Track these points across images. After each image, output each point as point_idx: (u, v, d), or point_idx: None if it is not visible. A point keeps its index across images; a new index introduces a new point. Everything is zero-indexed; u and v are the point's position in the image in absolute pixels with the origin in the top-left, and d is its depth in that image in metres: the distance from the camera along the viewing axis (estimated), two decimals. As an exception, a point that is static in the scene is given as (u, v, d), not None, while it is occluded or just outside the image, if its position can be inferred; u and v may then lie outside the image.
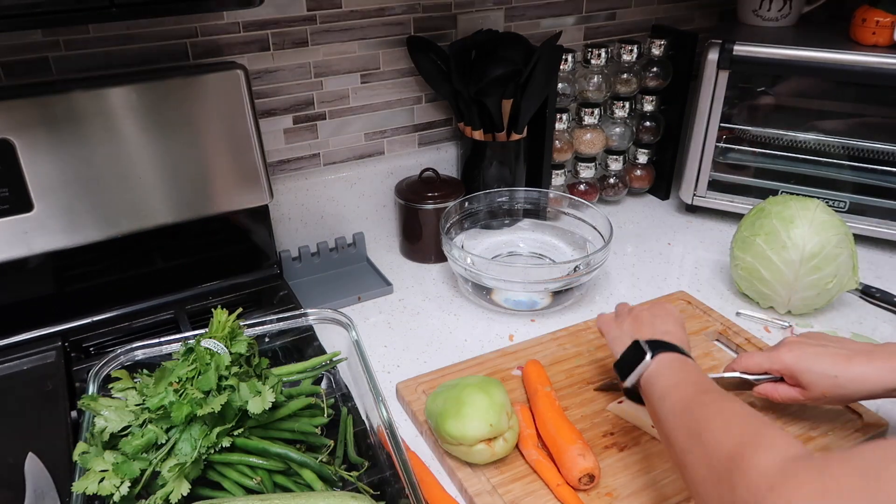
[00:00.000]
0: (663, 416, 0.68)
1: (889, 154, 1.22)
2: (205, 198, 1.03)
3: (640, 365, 0.74)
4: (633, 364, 0.75)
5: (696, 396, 0.66)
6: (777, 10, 1.33)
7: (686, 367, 0.73)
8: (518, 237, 1.29)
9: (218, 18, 1.05)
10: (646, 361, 0.74)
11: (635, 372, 0.75)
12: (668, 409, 0.68)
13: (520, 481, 0.79)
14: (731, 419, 0.61)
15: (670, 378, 0.71)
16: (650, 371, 0.73)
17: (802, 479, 0.50)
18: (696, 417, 0.63)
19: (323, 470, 0.72)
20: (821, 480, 0.49)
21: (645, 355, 0.74)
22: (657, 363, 0.73)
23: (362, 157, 1.28)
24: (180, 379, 0.71)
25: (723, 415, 0.62)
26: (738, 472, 0.54)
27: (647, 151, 1.46)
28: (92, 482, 0.65)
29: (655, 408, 0.70)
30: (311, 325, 0.88)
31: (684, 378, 0.70)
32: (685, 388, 0.69)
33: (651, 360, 0.74)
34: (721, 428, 0.60)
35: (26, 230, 0.93)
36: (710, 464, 0.58)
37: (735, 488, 0.53)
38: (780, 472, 0.51)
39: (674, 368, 0.72)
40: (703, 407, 0.64)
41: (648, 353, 0.74)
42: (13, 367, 0.94)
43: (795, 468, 0.51)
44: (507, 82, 1.19)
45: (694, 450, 0.61)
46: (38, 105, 0.89)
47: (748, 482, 0.53)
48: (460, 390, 0.80)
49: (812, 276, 1.03)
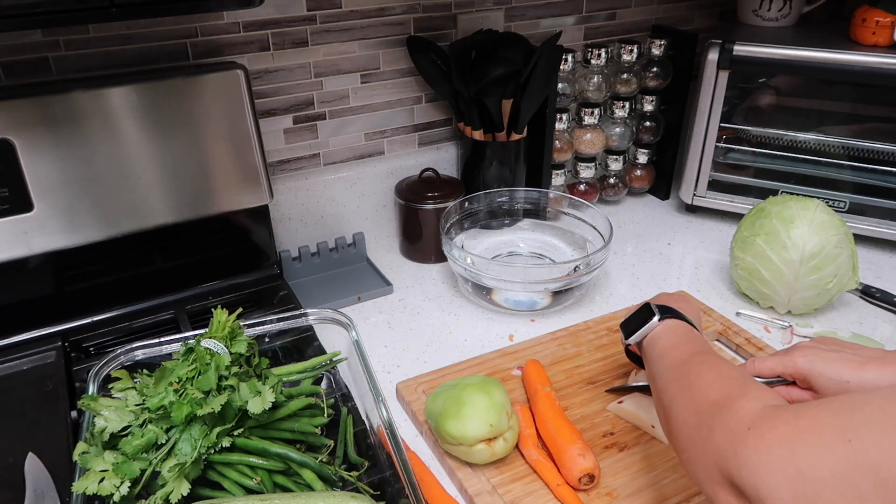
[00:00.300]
0: (658, 373, 0.70)
1: (889, 154, 1.22)
2: (205, 198, 1.03)
3: (647, 325, 0.76)
4: (640, 323, 0.77)
5: (693, 356, 0.68)
6: (777, 10, 1.33)
7: (690, 333, 0.74)
8: (518, 237, 1.29)
9: (218, 18, 1.05)
10: (653, 322, 0.76)
11: (641, 331, 0.76)
12: (665, 367, 0.69)
13: (520, 481, 0.79)
14: (721, 374, 0.62)
15: (672, 339, 0.73)
16: (654, 333, 0.75)
17: (779, 420, 0.51)
18: (688, 372, 0.65)
19: (323, 470, 0.72)
20: (795, 420, 0.50)
21: (653, 316, 0.76)
22: (663, 326, 0.75)
23: (362, 157, 1.28)
24: (180, 379, 0.71)
25: (714, 370, 0.64)
26: (720, 417, 0.56)
27: (647, 151, 1.46)
28: (92, 482, 0.65)
29: (653, 366, 0.72)
30: (311, 325, 0.88)
31: (686, 340, 0.72)
32: (684, 348, 0.70)
33: (658, 322, 0.75)
34: (710, 381, 0.62)
35: (26, 230, 0.93)
36: (696, 410, 0.59)
37: (714, 430, 0.55)
38: (759, 415, 0.53)
39: (677, 332, 0.74)
40: (697, 364, 0.66)
41: (657, 314, 0.76)
42: (13, 367, 0.94)
43: (774, 412, 0.52)
44: (507, 82, 1.19)
45: (682, 397, 0.62)
46: (38, 105, 0.89)
47: (728, 425, 0.54)
48: (460, 390, 0.80)
49: (812, 276, 1.03)
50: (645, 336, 0.76)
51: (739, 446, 0.52)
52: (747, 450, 0.51)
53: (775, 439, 0.50)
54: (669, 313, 0.76)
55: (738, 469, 0.51)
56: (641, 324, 0.77)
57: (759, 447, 0.50)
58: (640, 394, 0.88)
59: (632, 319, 0.79)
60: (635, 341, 0.78)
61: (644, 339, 0.77)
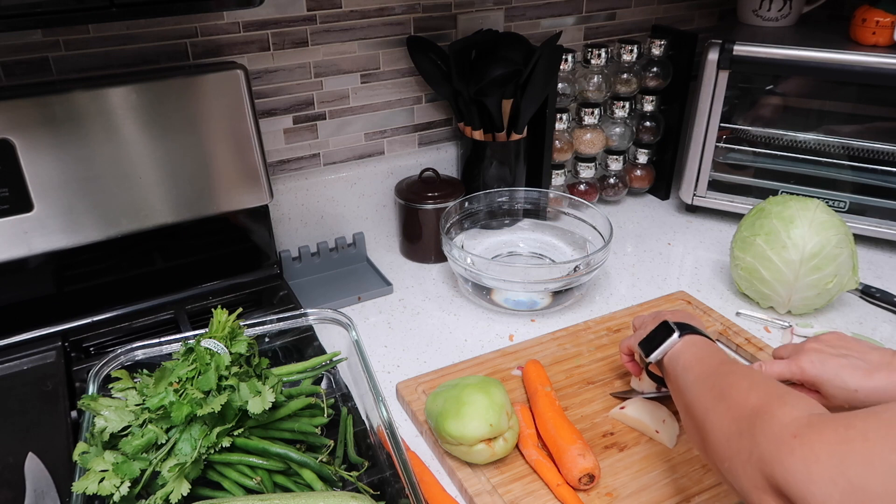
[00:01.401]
0: (686, 386, 0.70)
1: (889, 154, 1.22)
2: (205, 198, 1.03)
3: (667, 341, 0.76)
4: (660, 341, 0.77)
5: (721, 366, 0.68)
6: (777, 10, 1.33)
7: (711, 346, 0.75)
8: (518, 237, 1.29)
9: (218, 18, 1.05)
10: (673, 338, 0.76)
11: (662, 347, 0.76)
12: (692, 379, 0.69)
13: (520, 481, 0.79)
14: (755, 381, 0.62)
15: (695, 353, 0.73)
16: (676, 349, 0.75)
17: (827, 428, 0.51)
18: (721, 382, 0.65)
19: (323, 470, 0.72)
20: (845, 430, 0.50)
21: (673, 333, 0.76)
22: (684, 342, 0.75)
23: (362, 157, 1.28)
24: (180, 379, 0.71)
25: (748, 378, 0.63)
26: (762, 424, 0.55)
27: (647, 151, 1.46)
28: (92, 482, 0.65)
29: (678, 379, 0.72)
30: (311, 325, 0.88)
31: (709, 353, 0.72)
32: (710, 360, 0.70)
33: (679, 339, 0.76)
34: (746, 388, 0.61)
35: (26, 230, 0.93)
36: (734, 418, 0.59)
37: (758, 438, 0.54)
38: (805, 423, 0.52)
39: (698, 346, 0.74)
40: (728, 374, 0.66)
41: (677, 331, 0.76)
42: (13, 367, 0.94)
43: (820, 420, 0.52)
44: (507, 82, 1.19)
45: (717, 407, 0.62)
46: (38, 105, 0.89)
47: (772, 432, 0.53)
48: (460, 390, 0.80)
49: (812, 276, 1.03)
50: (666, 353, 0.76)
51: (786, 455, 0.51)
52: (794, 459, 0.50)
53: (823, 449, 0.49)
54: (687, 329, 0.77)
55: (786, 478, 0.50)
56: (661, 341, 0.77)
57: (807, 456, 0.50)
58: (641, 398, 0.88)
59: (651, 338, 0.79)
60: (657, 358, 0.78)
61: (665, 357, 0.77)
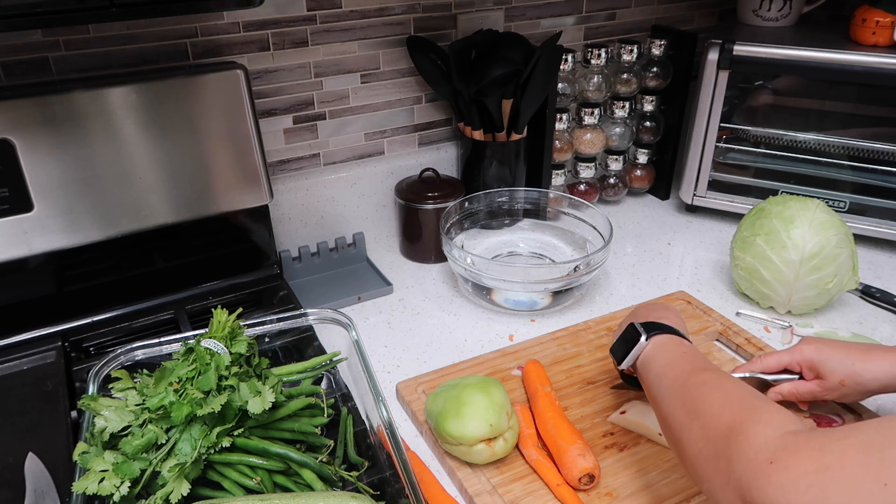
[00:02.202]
0: (660, 395, 0.68)
1: (889, 154, 1.22)
2: (205, 198, 1.03)
3: (635, 347, 0.75)
4: (628, 346, 0.76)
5: (693, 375, 0.66)
6: (777, 10, 1.33)
7: (681, 346, 0.73)
8: (518, 237, 1.29)
9: (218, 18, 1.05)
10: (641, 343, 0.74)
11: (631, 354, 0.75)
12: (666, 388, 0.68)
13: (520, 481, 0.79)
14: (728, 394, 0.61)
15: (665, 357, 0.71)
16: (646, 353, 0.74)
17: (803, 453, 0.50)
18: (693, 395, 0.63)
19: (323, 470, 0.72)
20: (821, 455, 0.49)
21: (640, 336, 0.74)
22: (652, 345, 0.74)
23: (362, 157, 1.28)
24: (180, 379, 0.71)
25: (720, 391, 0.62)
26: (737, 446, 0.54)
27: (647, 151, 1.46)
28: (92, 482, 0.65)
29: (652, 388, 0.71)
30: (311, 325, 0.88)
31: (680, 356, 0.71)
32: (681, 365, 0.69)
33: (646, 342, 0.74)
34: (719, 403, 0.60)
35: (26, 230, 0.93)
36: (708, 437, 0.58)
37: (732, 462, 0.53)
38: (780, 445, 0.51)
39: (668, 348, 0.73)
40: (700, 385, 0.64)
41: (643, 334, 0.75)
42: (13, 367, 0.94)
43: (796, 442, 0.51)
44: (507, 82, 1.19)
45: (691, 425, 0.61)
46: (38, 105, 0.89)
47: (747, 456, 0.53)
48: (460, 390, 0.80)
49: (812, 276, 1.03)
50: (636, 358, 0.75)
51: (763, 483, 0.50)
52: (772, 487, 0.49)
53: (801, 477, 0.48)
54: (656, 329, 0.75)
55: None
56: (630, 345, 0.76)
57: (785, 484, 0.48)
58: (641, 402, 0.88)
59: (619, 343, 0.78)
60: (627, 365, 0.76)
61: (637, 362, 0.75)
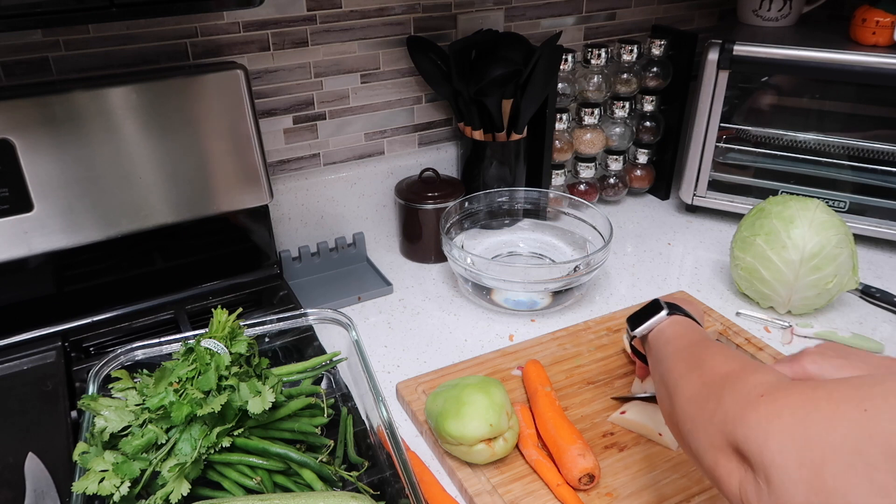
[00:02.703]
0: (665, 356, 0.70)
1: (889, 154, 1.22)
2: (205, 198, 1.03)
3: (655, 317, 0.77)
4: (648, 316, 0.78)
5: (702, 341, 0.69)
6: (777, 10, 1.33)
7: (696, 327, 0.75)
8: (518, 237, 1.29)
9: (218, 18, 1.05)
10: (661, 315, 0.77)
11: (649, 323, 0.77)
12: (671, 351, 0.70)
13: (520, 481, 0.79)
14: (733, 354, 0.63)
15: (678, 330, 0.74)
16: (662, 325, 0.76)
17: (794, 388, 0.50)
18: (698, 352, 0.65)
19: (323, 470, 0.72)
20: (812, 390, 0.49)
21: (661, 310, 0.77)
22: (671, 320, 0.76)
23: (362, 157, 1.28)
24: (180, 379, 0.71)
25: (725, 352, 0.64)
26: (731, 387, 0.55)
27: (647, 151, 1.46)
28: (92, 482, 0.65)
29: (659, 352, 0.72)
30: (311, 325, 0.88)
31: (692, 330, 0.73)
32: (692, 336, 0.71)
33: (666, 316, 0.77)
34: (722, 359, 0.61)
35: (26, 230, 0.93)
36: (705, 383, 0.59)
37: (723, 399, 0.54)
38: (774, 384, 0.52)
39: (684, 325, 0.75)
40: (706, 347, 0.66)
41: (665, 309, 0.77)
42: (13, 367, 0.94)
43: (789, 383, 0.52)
44: (507, 82, 1.19)
45: (689, 375, 0.62)
46: (38, 105, 0.89)
47: (739, 392, 0.53)
48: (460, 390, 0.80)
49: (812, 276, 1.03)
50: (652, 329, 0.77)
51: (749, 411, 0.51)
52: (757, 414, 0.50)
53: (787, 406, 0.49)
54: (677, 310, 0.78)
55: (745, 434, 0.50)
56: (648, 317, 0.78)
57: (770, 412, 0.49)
58: (641, 402, 0.88)
59: (639, 314, 0.80)
60: (642, 333, 0.78)
61: (650, 333, 0.77)
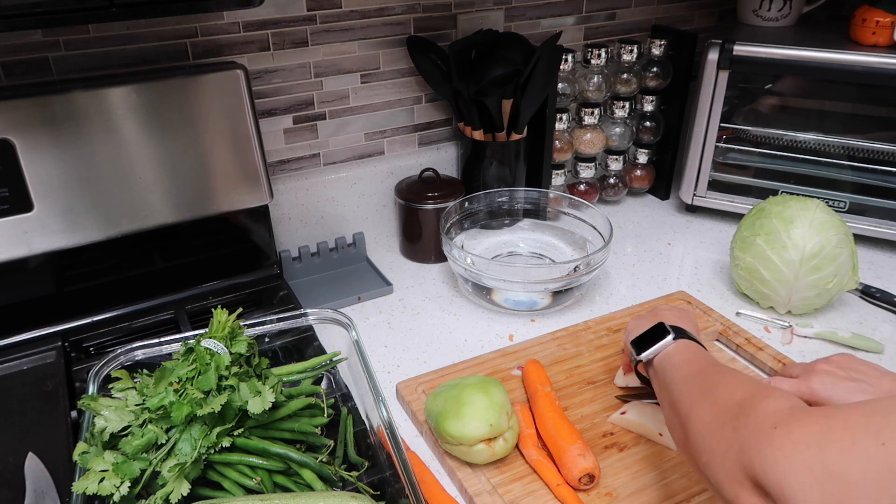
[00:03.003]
0: (673, 382, 0.70)
1: (889, 154, 1.22)
2: (205, 198, 1.03)
3: (661, 342, 0.76)
4: (654, 340, 0.77)
5: (711, 367, 0.69)
6: (777, 10, 1.33)
7: (703, 351, 0.75)
8: (518, 237, 1.29)
9: (218, 18, 1.05)
10: (668, 340, 0.76)
11: (655, 347, 0.76)
12: (680, 377, 0.69)
13: (520, 481, 0.79)
14: (743, 379, 0.62)
15: (686, 356, 0.73)
16: (667, 350, 0.75)
17: (808, 418, 0.50)
18: (708, 380, 0.65)
19: (323, 470, 0.72)
20: (826, 420, 0.49)
21: (668, 334, 0.76)
22: (677, 344, 0.75)
23: (362, 157, 1.28)
24: (180, 379, 0.71)
25: (736, 377, 0.64)
26: (744, 416, 0.55)
27: (647, 151, 1.46)
28: (92, 482, 0.65)
29: (666, 377, 0.72)
30: (311, 325, 0.88)
31: (700, 356, 0.73)
32: (700, 361, 0.71)
33: (673, 341, 0.76)
34: (734, 384, 0.61)
35: (26, 230, 0.93)
36: (717, 412, 0.59)
37: (738, 430, 0.54)
38: (787, 413, 0.52)
39: (691, 350, 0.74)
40: (716, 373, 0.66)
41: (672, 333, 0.76)
42: (13, 367, 0.94)
43: (802, 412, 0.51)
44: (507, 82, 1.19)
45: (702, 402, 0.62)
46: (38, 105, 0.89)
47: (753, 423, 0.53)
48: (460, 390, 0.80)
49: (812, 276, 1.03)
50: (658, 353, 0.76)
51: (764, 444, 0.50)
52: (773, 447, 0.49)
53: (802, 438, 0.48)
54: (682, 334, 0.77)
55: (763, 467, 0.49)
56: (655, 341, 0.77)
57: (785, 445, 0.49)
58: (640, 402, 0.88)
59: (644, 337, 0.79)
60: (648, 357, 0.77)
61: (655, 357, 0.76)
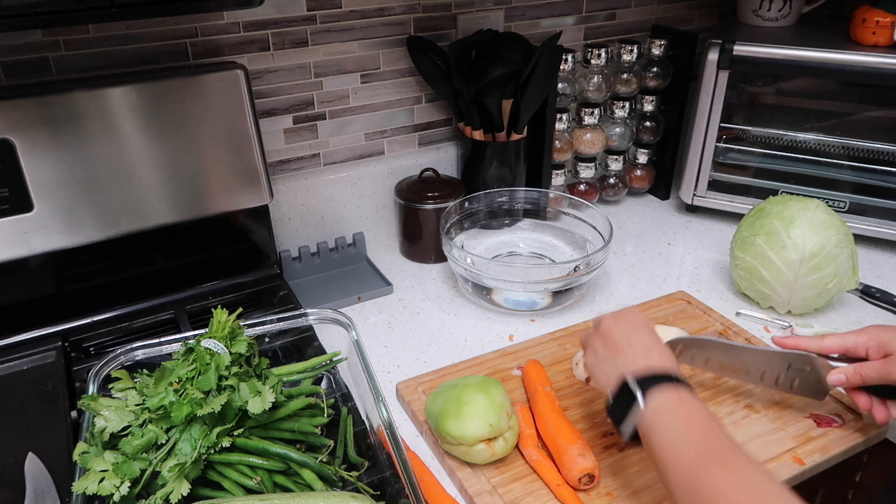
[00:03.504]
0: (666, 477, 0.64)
1: (889, 154, 1.22)
2: (205, 198, 1.03)
3: (631, 412, 0.68)
4: (625, 410, 0.69)
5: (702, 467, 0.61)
6: (777, 10, 1.33)
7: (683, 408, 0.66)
8: (518, 237, 1.28)
9: (218, 18, 1.05)
10: (638, 407, 0.67)
11: (628, 420, 0.69)
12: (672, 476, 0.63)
13: (520, 481, 0.79)
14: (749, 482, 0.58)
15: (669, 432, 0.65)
16: (646, 419, 0.67)
17: None
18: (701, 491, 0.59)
19: (323, 470, 0.72)
20: None
21: (635, 400, 0.68)
22: (652, 408, 0.67)
23: (362, 157, 1.28)
24: (180, 379, 0.71)
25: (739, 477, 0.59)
26: None
27: (647, 151, 1.46)
28: (92, 482, 0.65)
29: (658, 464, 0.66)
30: (311, 325, 0.88)
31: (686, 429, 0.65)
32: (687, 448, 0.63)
33: (644, 405, 0.67)
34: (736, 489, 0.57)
35: (26, 230, 0.93)
36: None
37: None
38: None
39: (669, 416, 0.66)
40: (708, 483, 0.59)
41: (638, 394, 0.68)
42: (13, 367, 0.94)
43: None
44: (507, 82, 1.19)
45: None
46: (38, 105, 0.89)
47: None
48: (460, 390, 0.80)
49: (812, 276, 1.03)
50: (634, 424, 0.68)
51: None
52: None
53: None
54: (650, 383, 0.68)
55: None
56: (627, 409, 0.69)
57: None
58: None
59: (615, 405, 0.71)
60: (628, 433, 0.69)
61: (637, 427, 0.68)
